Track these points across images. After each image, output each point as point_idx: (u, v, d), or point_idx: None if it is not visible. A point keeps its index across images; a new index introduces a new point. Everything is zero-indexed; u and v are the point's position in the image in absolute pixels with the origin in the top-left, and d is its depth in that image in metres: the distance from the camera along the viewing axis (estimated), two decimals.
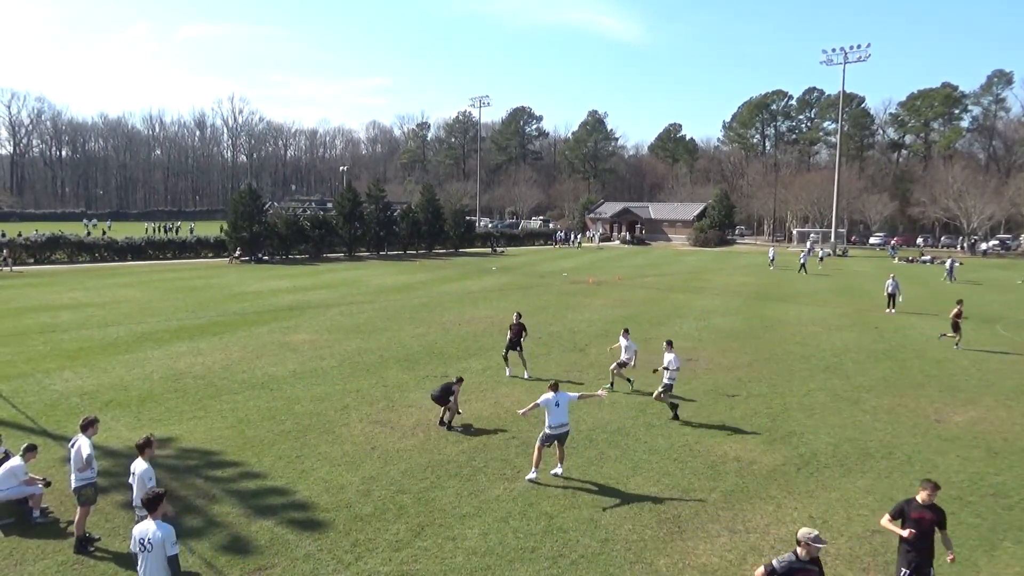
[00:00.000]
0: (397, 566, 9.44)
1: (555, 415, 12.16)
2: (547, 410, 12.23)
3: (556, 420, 12.17)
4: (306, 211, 75.38)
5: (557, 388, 12.44)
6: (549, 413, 12.20)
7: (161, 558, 7.01)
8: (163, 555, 7.00)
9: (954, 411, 17.12)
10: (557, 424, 12.18)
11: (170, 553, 7.00)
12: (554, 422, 12.17)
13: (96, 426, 10.04)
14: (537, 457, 12.26)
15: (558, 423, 12.19)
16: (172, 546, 7.03)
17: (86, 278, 42.12)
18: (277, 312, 30.42)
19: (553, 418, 12.17)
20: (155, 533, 7.04)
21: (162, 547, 6.99)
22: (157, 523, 7.14)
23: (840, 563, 9.69)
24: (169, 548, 7.00)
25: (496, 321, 28.93)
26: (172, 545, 7.03)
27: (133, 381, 18.56)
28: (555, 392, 12.31)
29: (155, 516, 7.23)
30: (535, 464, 12.26)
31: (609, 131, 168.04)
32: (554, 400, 12.21)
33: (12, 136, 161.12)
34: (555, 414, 12.17)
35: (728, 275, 51.91)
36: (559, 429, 12.23)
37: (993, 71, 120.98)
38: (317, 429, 14.96)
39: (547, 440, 12.26)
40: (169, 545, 7.00)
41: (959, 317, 25.44)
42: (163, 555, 7.00)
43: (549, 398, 12.22)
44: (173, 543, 7.05)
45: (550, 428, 12.19)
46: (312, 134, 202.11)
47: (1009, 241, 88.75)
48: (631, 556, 9.80)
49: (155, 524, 7.13)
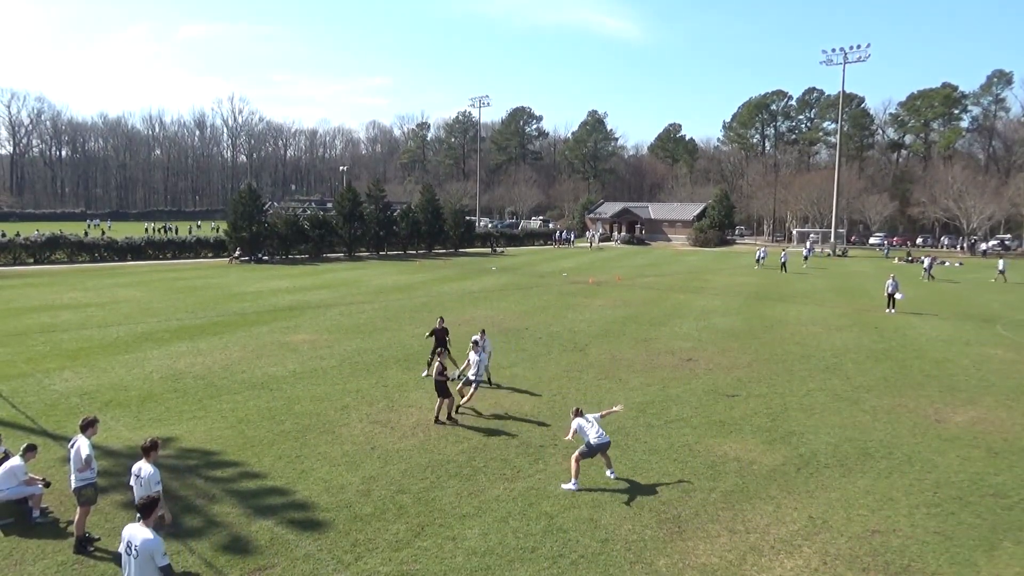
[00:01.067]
0: (397, 566, 9.44)
1: (594, 432, 12.27)
2: (583, 433, 12.33)
3: (598, 435, 12.26)
4: (306, 211, 75.29)
5: (582, 413, 12.62)
6: (587, 434, 12.28)
7: (146, 566, 6.89)
8: (151, 565, 6.88)
9: (954, 411, 17.12)
10: (599, 438, 12.24)
11: (161, 564, 6.90)
12: (597, 437, 12.24)
13: (96, 426, 10.04)
14: (575, 468, 12.18)
15: (599, 437, 12.25)
16: (162, 557, 6.92)
17: (86, 278, 42.12)
18: (277, 312, 30.42)
19: (595, 435, 12.25)
20: (144, 541, 6.93)
21: (150, 558, 6.88)
22: (149, 531, 7.06)
23: (840, 563, 9.69)
24: (159, 559, 6.89)
25: (496, 321, 28.95)
26: (162, 556, 6.92)
27: (133, 381, 18.56)
28: (582, 416, 12.50)
29: (148, 523, 7.17)
30: (574, 475, 12.15)
31: (609, 131, 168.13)
32: (585, 422, 12.39)
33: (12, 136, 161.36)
34: (593, 432, 12.27)
35: (728, 275, 51.91)
36: (602, 441, 12.28)
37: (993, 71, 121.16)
38: (317, 429, 14.96)
39: (589, 454, 12.28)
40: (159, 556, 6.89)
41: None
42: (151, 565, 6.88)
43: (580, 422, 12.39)
44: (163, 554, 6.93)
45: (596, 441, 12.23)
46: (312, 134, 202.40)
47: (1008, 241, 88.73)
48: (631, 556, 9.81)
49: (146, 531, 7.04)
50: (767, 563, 9.68)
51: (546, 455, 13.50)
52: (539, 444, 14.22)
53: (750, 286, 44.32)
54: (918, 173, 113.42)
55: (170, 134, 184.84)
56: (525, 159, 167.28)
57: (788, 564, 9.66)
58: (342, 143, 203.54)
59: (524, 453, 13.71)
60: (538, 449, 13.87)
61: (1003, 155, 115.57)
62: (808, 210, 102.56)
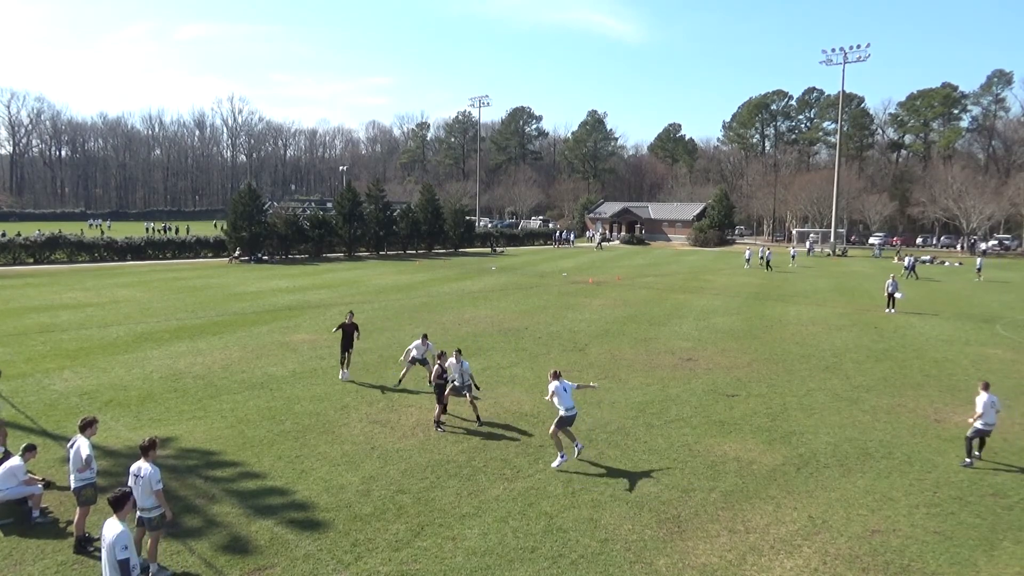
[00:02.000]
0: (397, 566, 9.44)
1: (565, 399, 12.96)
2: (558, 396, 13.04)
3: (567, 403, 12.95)
4: (306, 211, 75.26)
5: (559, 376, 13.34)
6: (561, 399, 12.99)
7: (113, 559, 6.92)
8: (114, 557, 6.92)
9: (954, 411, 17.11)
10: (569, 407, 12.95)
11: (120, 557, 6.89)
12: (567, 404, 12.94)
13: (95, 426, 10.03)
14: (558, 442, 12.96)
15: (569, 406, 12.97)
16: (122, 549, 6.90)
17: (85, 278, 42.11)
18: (277, 312, 30.41)
19: (565, 401, 12.95)
20: (113, 534, 6.99)
21: (113, 549, 6.91)
22: (119, 522, 7.10)
23: (840, 563, 9.69)
24: (119, 552, 6.89)
25: (496, 321, 28.95)
26: (122, 549, 6.90)
27: (133, 381, 18.56)
28: (559, 380, 13.19)
29: (120, 516, 7.19)
30: (560, 448, 12.95)
31: (609, 131, 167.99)
32: (562, 386, 13.09)
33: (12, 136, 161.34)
34: (564, 399, 12.97)
35: (728, 275, 51.92)
36: (571, 411, 13.00)
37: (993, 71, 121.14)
38: (317, 429, 14.96)
39: (563, 424, 12.98)
40: (119, 549, 6.89)
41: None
42: (114, 557, 6.92)
43: (557, 385, 13.09)
44: (123, 547, 6.91)
45: (565, 411, 12.94)
46: (312, 134, 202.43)
47: (1008, 241, 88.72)
48: (631, 556, 9.81)
49: (116, 524, 7.07)
50: (767, 563, 9.68)
51: (546, 455, 13.49)
52: (539, 444, 14.21)
53: (750, 286, 44.33)
54: (918, 173, 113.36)
55: (170, 134, 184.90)
56: (525, 159, 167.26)
57: (788, 564, 9.66)
58: (342, 143, 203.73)
59: (524, 453, 13.71)
60: (538, 449, 13.87)
61: (1003, 155, 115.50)
62: (808, 210, 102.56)
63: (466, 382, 15.86)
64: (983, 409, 13.49)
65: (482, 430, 15.12)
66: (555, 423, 13.09)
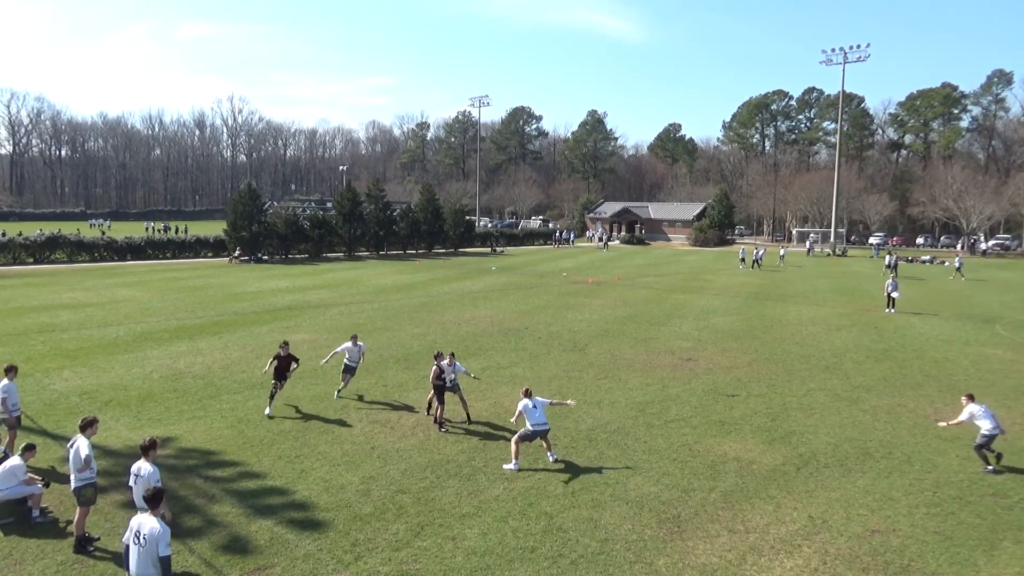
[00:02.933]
0: (397, 566, 9.44)
1: (533, 416, 13.15)
2: (526, 414, 13.23)
3: (535, 420, 13.16)
4: (306, 211, 75.25)
5: (531, 395, 13.49)
6: (528, 416, 13.19)
7: (153, 555, 7.04)
8: (155, 553, 7.02)
9: (954, 411, 17.07)
10: (537, 423, 13.17)
11: (162, 554, 7.01)
12: (535, 421, 13.15)
13: (95, 426, 10.02)
14: (516, 450, 13.10)
15: (538, 422, 13.17)
16: (165, 547, 7.04)
17: (85, 278, 42.10)
18: (277, 312, 30.41)
19: (532, 419, 13.15)
20: (151, 529, 7.10)
21: (155, 545, 7.02)
22: (156, 520, 7.20)
23: (840, 563, 9.69)
24: (162, 549, 7.01)
25: (496, 321, 28.95)
26: (165, 546, 7.05)
27: (133, 381, 18.56)
28: (529, 398, 13.36)
29: (155, 512, 7.30)
30: (515, 456, 13.05)
31: (609, 131, 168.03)
32: (531, 404, 13.24)
33: (12, 136, 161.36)
34: (533, 416, 13.16)
35: (728, 275, 51.91)
36: (539, 427, 13.21)
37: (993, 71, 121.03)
38: (316, 429, 14.96)
39: (528, 437, 13.24)
40: (163, 546, 7.02)
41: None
42: (155, 553, 7.02)
43: (527, 403, 13.28)
44: (167, 544, 7.07)
45: (533, 426, 13.19)
46: (312, 134, 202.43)
47: (1008, 241, 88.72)
48: (631, 556, 9.80)
49: (154, 520, 7.18)
50: (767, 563, 9.68)
51: (545, 455, 13.49)
52: (538, 443, 14.19)
53: (750, 286, 44.32)
54: (918, 173, 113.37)
55: (170, 134, 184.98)
56: (525, 159, 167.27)
57: (788, 564, 9.66)
58: (342, 143, 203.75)
59: (524, 453, 13.70)
60: (537, 449, 13.86)
61: (1003, 155, 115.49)
62: (808, 210, 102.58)
63: (455, 381, 15.85)
64: (965, 417, 13.52)
65: (482, 430, 15.13)
66: (519, 433, 13.37)
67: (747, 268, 57.29)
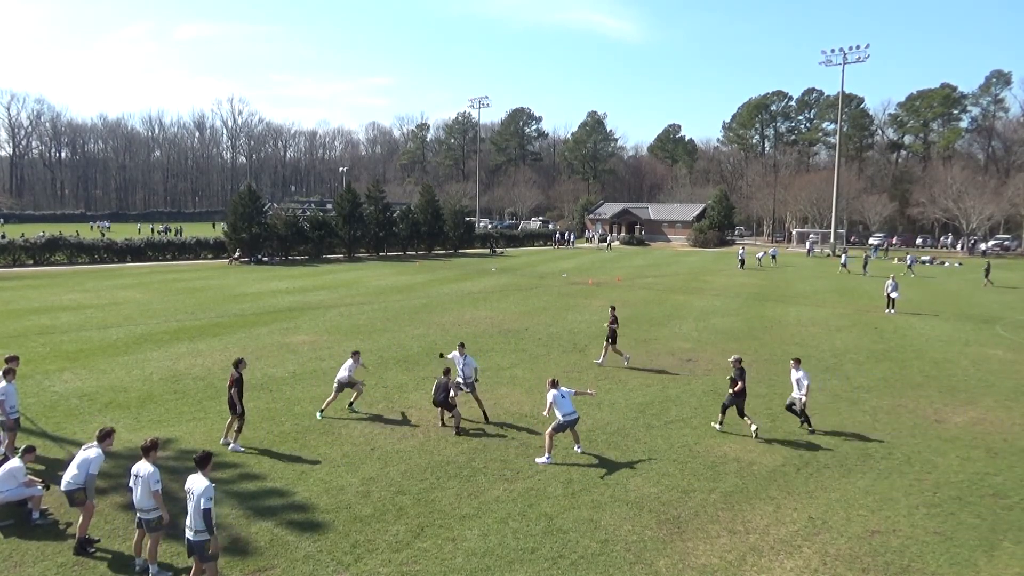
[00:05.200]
0: (397, 567, 9.44)
1: (564, 406, 13.42)
2: (556, 404, 13.47)
3: (566, 409, 13.42)
4: (305, 212, 75.29)
5: (557, 384, 13.77)
6: (559, 406, 13.43)
7: (199, 509, 8.16)
8: (199, 506, 8.14)
9: (954, 411, 17.12)
10: (567, 412, 13.42)
11: (204, 507, 8.13)
12: (565, 411, 13.40)
13: (112, 438, 10.11)
14: (549, 444, 13.40)
15: (568, 411, 13.44)
16: (208, 500, 8.16)
17: (85, 279, 42.11)
18: (277, 313, 30.41)
19: (563, 409, 13.40)
20: (202, 488, 8.22)
21: (198, 500, 8.16)
22: (205, 478, 8.33)
23: (840, 564, 9.69)
24: (205, 502, 8.14)
25: (496, 322, 28.95)
26: (208, 500, 8.16)
27: (133, 382, 18.56)
28: (556, 388, 13.64)
29: (205, 473, 8.40)
30: (548, 450, 13.35)
31: (608, 132, 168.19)
32: (560, 394, 13.53)
33: (11, 137, 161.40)
34: (563, 405, 13.42)
35: (728, 276, 51.91)
36: (570, 417, 13.46)
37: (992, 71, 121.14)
38: (317, 430, 14.96)
39: (560, 428, 13.45)
40: (206, 500, 8.14)
41: (615, 324, 22.15)
42: (199, 506, 8.14)
43: (555, 393, 13.55)
44: (209, 498, 8.17)
45: (564, 417, 13.39)
46: (311, 135, 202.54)
47: (1008, 242, 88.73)
48: (631, 557, 9.80)
49: (203, 479, 8.31)
50: (767, 564, 9.68)
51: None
52: (539, 445, 14.20)
53: (750, 287, 44.33)
54: (917, 173, 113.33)
55: (170, 135, 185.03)
56: (525, 160, 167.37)
57: (788, 564, 9.66)
58: (341, 144, 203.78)
59: (524, 454, 13.71)
60: (538, 450, 13.86)
61: (1002, 155, 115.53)
62: (808, 210, 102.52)
63: (468, 377, 16.02)
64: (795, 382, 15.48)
65: (482, 431, 15.12)
66: (552, 426, 13.53)
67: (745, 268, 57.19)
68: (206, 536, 8.19)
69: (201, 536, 8.19)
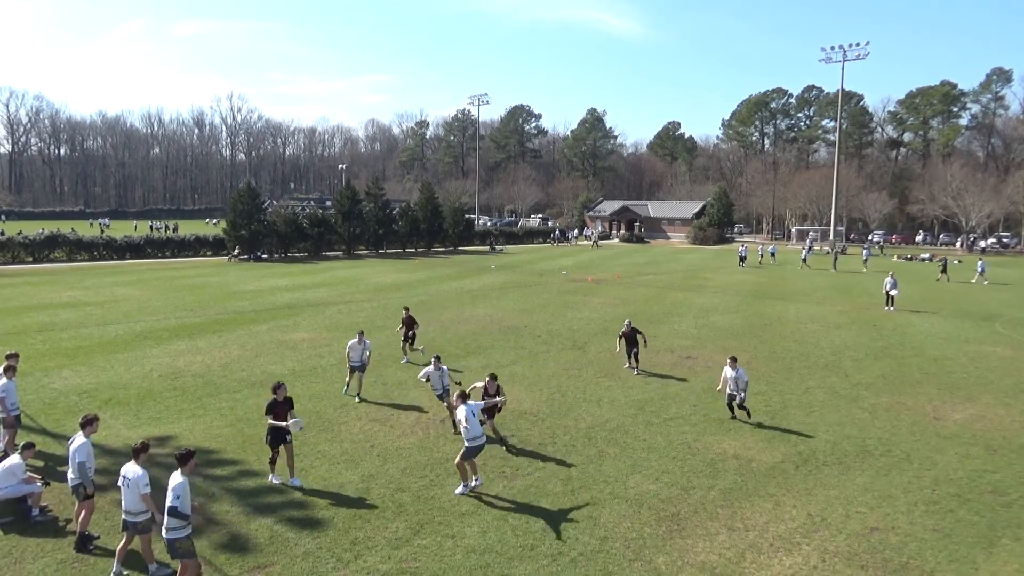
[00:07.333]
0: (396, 564, 9.45)
1: (472, 428, 11.49)
2: (468, 422, 11.54)
3: (474, 432, 11.50)
4: (305, 209, 75.21)
5: (467, 398, 11.88)
6: (470, 428, 11.52)
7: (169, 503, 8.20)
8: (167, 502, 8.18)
9: (953, 409, 17.13)
10: (474, 436, 11.49)
11: (168, 503, 8.19)
12: (474, 434, 11.49)
13: (95, 424, 10.03)
14: (463, 472, 11.63)
15: (475, 434, 11.51)
16: (174, 498, 8.18)
17: (85, 277, 42.09)
18: (276, 310, 30.41)
19: (472, 430, 11.49)
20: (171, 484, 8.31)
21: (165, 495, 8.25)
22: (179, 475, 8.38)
23: (839, 561, 9.70)
24: (170, 499, 8.17)
25: (496, 319, 28.95)
26: (174, 498, 8.18)
27: (132, 379, 18.56)
28: (466, 403, 11.76)
29: (184, 471, 8.43)
30: (463, 478, 11.64)
31: (608, 129, 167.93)
32: (470, 411, 11.61)
33: (10, 134, 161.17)
34: (473, 425, 11.50)
35: (727, 273, 51.91)
36: (476, 442, 11.51)
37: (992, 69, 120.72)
38: (316, 427, 14.96)
39: (469, 456, 11.55)
40: (171, 496, 8.18)
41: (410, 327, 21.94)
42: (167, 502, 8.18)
43: (465, 410, 11.61)
44: (176, 496, 8.18)
45: (469, 441, 11.46)
46: (311, 132, 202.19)
47: (1008, 239, 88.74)
48: (630, 554, 9.82)
49: (176, 475, 8.38)
50: (766, 560, 9.69)
51: (545, 453, 13.50)
52: (538, 442, 14.22)
53: (749, 284, 44.33)
54: (917, 171, 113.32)
55: (169, 132, 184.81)
56: (524, 157, 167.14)
57: (787, 561, 9.67)
58: (341, 141, 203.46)
59: (523, 451, 13.71)
60: (537, 447, 13.88)
61: (1002, 153, 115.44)
62: (807, 208, 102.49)
63: (447, 387, 15.23)
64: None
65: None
66: (461, 454, 11.56)
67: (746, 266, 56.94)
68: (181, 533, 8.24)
69: (174, 533, 8.20)
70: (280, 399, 11.87)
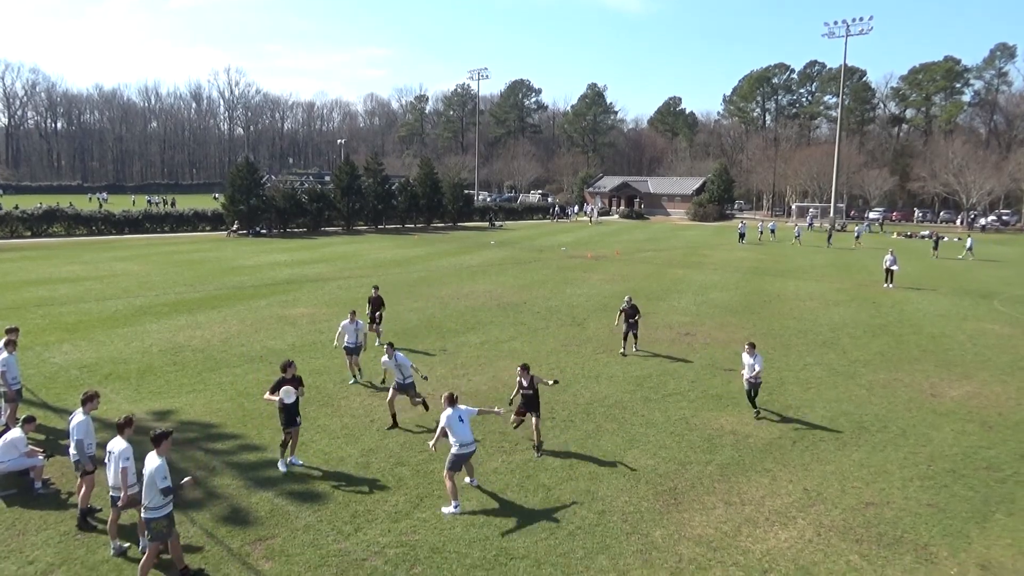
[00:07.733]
0: (396, 536, 9.55)
1: (462, 433, 10.52)
2: (452, 429, 10.53)
3: (464, 438, 10.52)
4: (304, 184, 74.85)
5: (456, 401, 10.77)
6: (455, 432, 10.51)
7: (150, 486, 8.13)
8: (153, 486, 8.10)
9: (949, 386, 17.22)
10: (465, 442, 10.54)
11: (160, 486, 8.10)
12: (463, 439, 10.52)
13: (96, 401, 9.97)
14: (452, 488, 10.37)
15: (466, 440, 10.55)
16: (162, 480, 8.11)
17: (83, 251, 42.02)
18: (275, 286, 30.41)
19: (461, 436, 10.50)
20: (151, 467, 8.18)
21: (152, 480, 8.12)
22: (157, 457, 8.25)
23: (834, 535, 9.81)
24: (159, 482, 8.10)
25: (495, 295, 28.97)
26: (162, 479, 8.11)
27: (132, 354, 18.61)
28: (454, 406, 10.70)
29: (159, 452, 8.29)
30: (453, 496, 10.33)
31: (608, 104, 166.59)
32: (458, 415, 10.63)
33: (7, 108, 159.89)
34: (461, 432, 10.52)
35: (726, 250, 51.85)
36: (466, 449, 10.58)
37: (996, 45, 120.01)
38: (316, 402, 15.03)
39: (457, 464, 10.60)
40: (159, 479, 8.10)
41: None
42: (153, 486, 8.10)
43: (452, 414, 10.58)
44: (163, 478, 8.13)
45: (460, 447, 10.48)
46: (309, 107, 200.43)
47: (1008, 216, 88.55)
48: (627, 527, 9.92)
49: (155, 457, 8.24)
50: (762, 534, 9.80)
51: (544, 427, 13.58)
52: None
53: (748, 261, 44.31)
54: (919, 148, 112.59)
55: (166, 106, 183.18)
56: (524, 132, 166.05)
57: (783, 535, 9.78)
58: (340, 116, 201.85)
59: (523, 427, 13.78)
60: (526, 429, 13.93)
61: (1004, 129, 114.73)
62: (808, 184, 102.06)
63: (407, 378, 13.74)
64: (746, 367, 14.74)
65: (480, 404, 15.10)
66: (448, 463, 10.51)
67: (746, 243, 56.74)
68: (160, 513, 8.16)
69: (152, 512, 8.12)
70: (288, 377, 11.70)
